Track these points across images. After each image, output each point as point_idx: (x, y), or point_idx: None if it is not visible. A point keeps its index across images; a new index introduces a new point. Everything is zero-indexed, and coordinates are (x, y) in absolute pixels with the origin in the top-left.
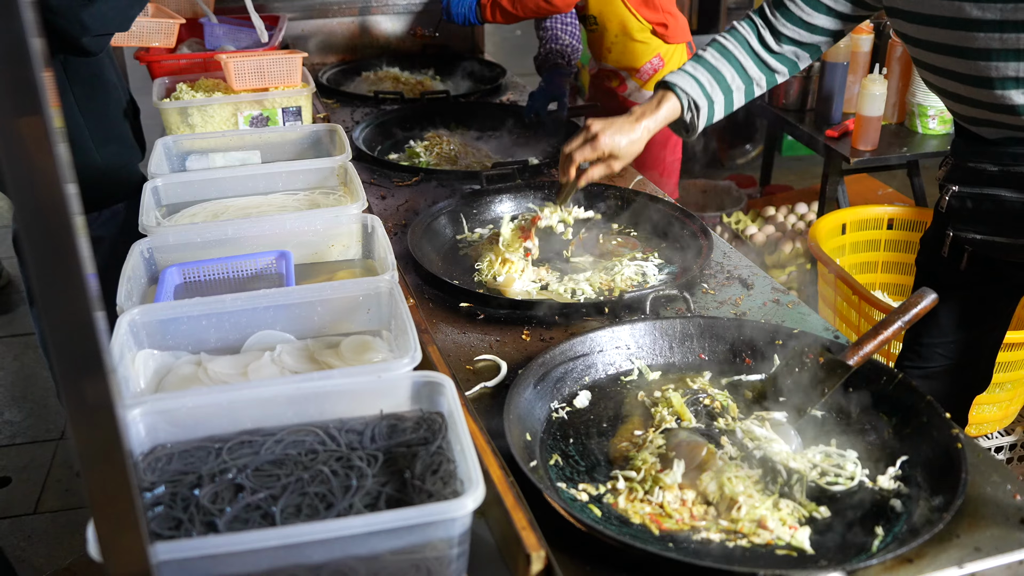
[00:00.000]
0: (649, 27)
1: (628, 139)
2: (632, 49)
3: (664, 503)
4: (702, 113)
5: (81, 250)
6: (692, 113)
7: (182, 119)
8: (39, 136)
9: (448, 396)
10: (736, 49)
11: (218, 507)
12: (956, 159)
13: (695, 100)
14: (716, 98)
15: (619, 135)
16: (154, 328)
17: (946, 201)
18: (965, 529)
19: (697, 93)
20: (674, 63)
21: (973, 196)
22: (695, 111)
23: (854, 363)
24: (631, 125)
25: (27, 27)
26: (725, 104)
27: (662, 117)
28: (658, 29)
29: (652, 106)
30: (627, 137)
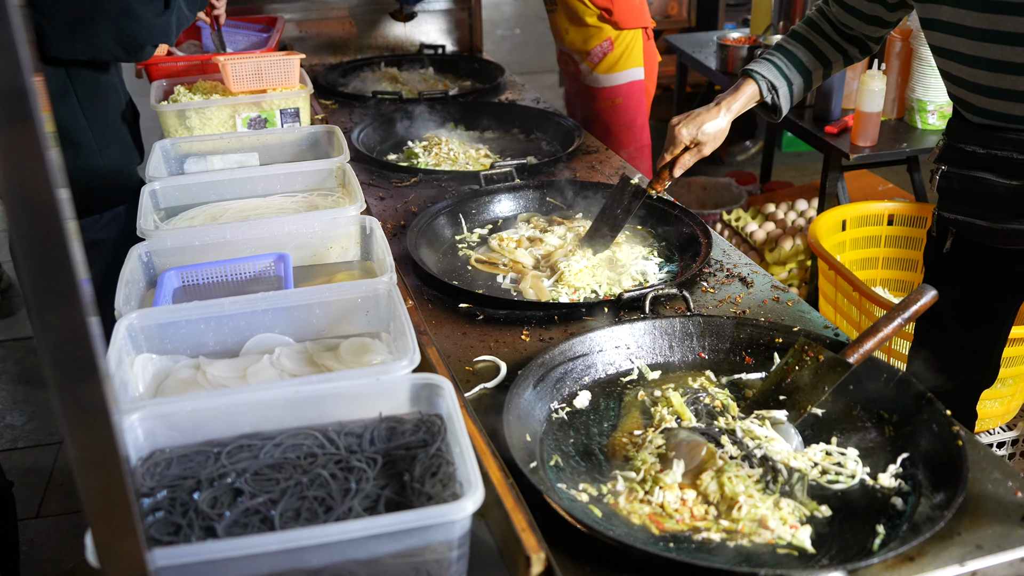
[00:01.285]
0: (596, 12)
1: (710, 123)
2: (584, 32)
3: (664, 503)
4: (781, 93)
5: (74, 255)
6: (772, 94)
7: (180, 122)
8: (30, 141)
9: (447, 398)
10: (809, 33)
11: (217, 512)
12: (948, 140)
13: (773, 82)
14: (794, 79)
15: (696, 122)
16: (153, 332)
17: (936, 181)
18: (966, 527)
19: (774, 75)
20: (626, 47)
21: (960, 177)
22: (775, 92)
23: (854, 361)
24: (710, 111)
25: (16, 33)
26: (805, 84)
27: (742, 101)
28: (604, 14)
29: (731, 92)
30: (709, 122)
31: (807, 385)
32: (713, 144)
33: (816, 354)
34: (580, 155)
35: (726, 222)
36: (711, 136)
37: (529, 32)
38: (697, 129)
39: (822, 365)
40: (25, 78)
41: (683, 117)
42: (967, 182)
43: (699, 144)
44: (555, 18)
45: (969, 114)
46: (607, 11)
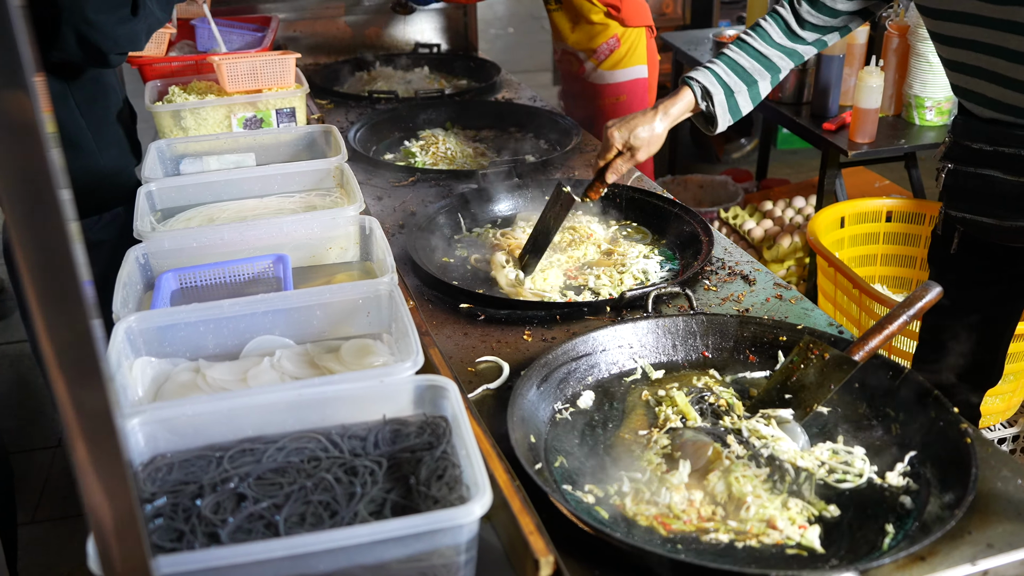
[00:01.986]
0: (603, 9)
1: (643, 127)
2: (589, 31)
3: (671, 504)
4: (717, 100)
5: (77, 257)
6: (707, 102)
7: (175, 122)
8: (32, 142)
9: (452, 400)
10: (756, 42)
11: (220, 517)
12: (954, 137)
13: (707, 88)
14: (735, 87)
15: (630, 125)
16: (151, 335)
17: (942, 179)
18: (977, 525)
19: (710, 81)
20: (631, 45)
21: (966, 175)
22: (709, 99)
23: (860, 358)
24: (645, 115)
25: (18, 33)
26: (750, 92)
27: (678, 107)
28: (611, 11)
29: (671, 98)
30: (642, 126)
31: (813, 384)
32: (647, 150)
33: (821, 352)
34: (578, 153)
35: (723, 220)
36: (644, 141)
37: (522, 31)
38: (629, 133)
39: (828, 363)
40: (27, 78)
41: (617, 121)
42: (974, 180)
43: (632, 149)
44: (557, 17)
45: (980, 107)
46: (615, 8)
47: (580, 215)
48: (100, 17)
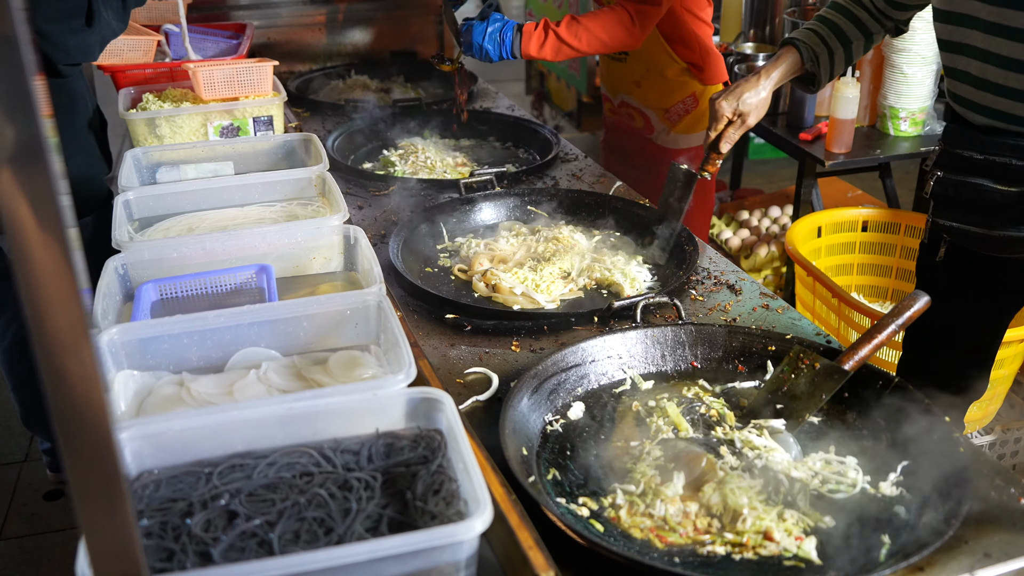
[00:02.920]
0: (683, 65)
1: (750, 93)
2: (664, 87)
3: (667, 516)
4: (822, 62)
5: (76, 264)
6: (812, 63)
7: (150, 130)
8: (32, 146)
9: (447, 412)
10: (850, 4)
11: (212, 536)
12: (945, 145)
13: (814, 49)
14: (836, 49)
15: (736, 93)
16: (133, 348)
17: (930, 187)
18: (973, 535)
19: (816, 43)
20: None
21: (956, 183)
22: (815, 61)
23: (850, 368)
24: (749, 81)
25: (19, 33)
26: (845, 55)
27: (782, 69)
28: (692, 69)
29: (773, 62)
30: (749, 91)
31: (804, 393)
32: (757, 114)
33: (812, 362)
34: (559, 163)
35: None
36: (752, 106)
37: None
38: (738, 100)
39: (818, 373)
40: (27, 81)
41: (722, 92)
42: (964, 188)
43: (742, 115)
44: (622, 68)
45: (973, 113)
46: (696, 67)
47: (562, 224)
48: (51, 27)
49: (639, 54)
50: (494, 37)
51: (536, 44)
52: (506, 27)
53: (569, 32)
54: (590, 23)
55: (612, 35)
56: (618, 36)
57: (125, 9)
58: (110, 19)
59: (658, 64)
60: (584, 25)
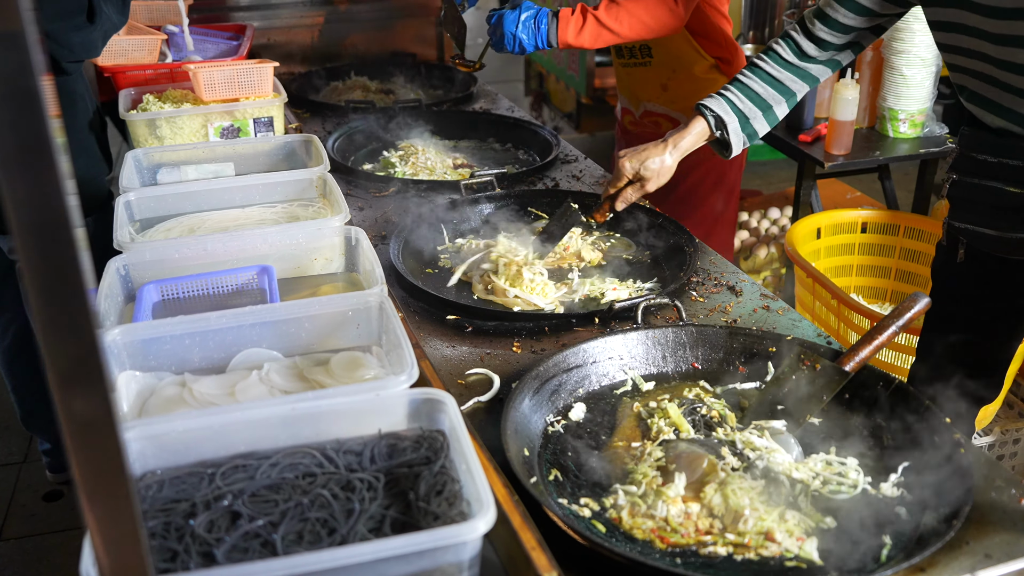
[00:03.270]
0: (711, 61)
1: (653, 159)
2: (693, 86)
3: (668, 517)
4: (731, 128)
5: (83, 264)
6: (722, 130)
7: (150, 131)
8: (38, 146)
9: (450, 413)
10: (769, 66)
11: (215, 536)
12: (960, 149)
13: (721, 116)
14: (750, 113)
15: (640, 156)
16: (136, 348)
17: (947, 189)
18: (974, 535)
19: (724, 110)
20: None
21: (971, 186)
22: (723, 128)
23: (851, 369)
24: (656, 147)
25: (28, 30)
26: (765, 117)
27: (691, 137)
28: (721, 64)
29: (681, 131)
30: (653, 158)
31: (805, 395)
32: (657, 180)
33: (813, 363)
34: (559, 164)
35: None
36: (654, 172)
37: None
38: (640, 164)
39: (819, 374)
40: (35, 80)
41: (630, 150)
42: (978, 191)
43: (642, 179)
44: (642, 73)
45: (991, 115)
46: (724, 61)
47: None
48: (54, 26)
49: (664, 54)
50: (528, 25)
51: (574, 30)
52: (540, 14)
53: (609, 15)
54: (631, 4)
55: (655, 16)
56: (661, 17)
57: (124, 2)
58: (111, 13)
59: (686, 62)
60: (624, 7)
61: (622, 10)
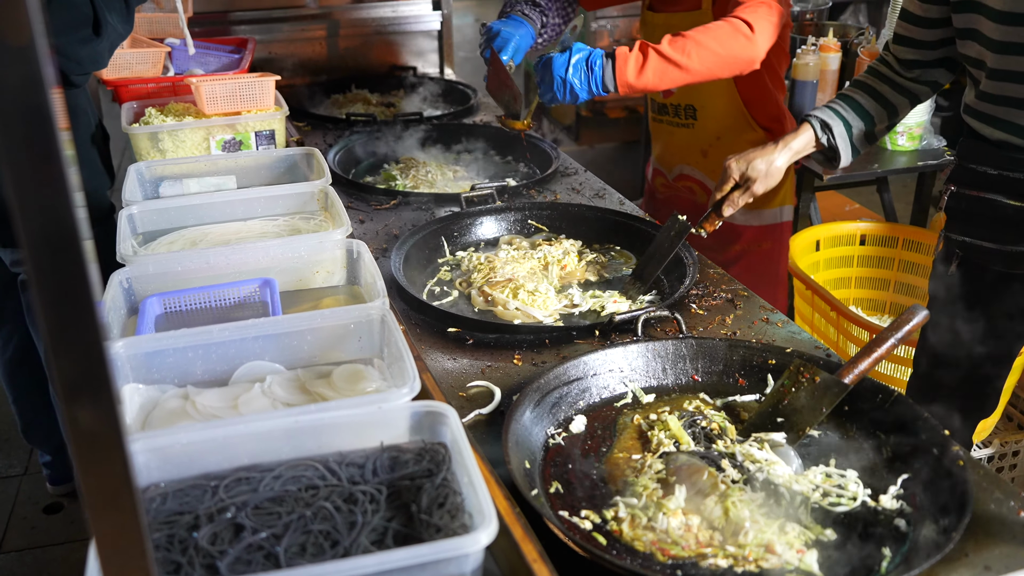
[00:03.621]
0: (760, 134)
1: (761, 160)
2: None
3: (669, 529)
4: (836, 132)
5: (91, 276)
6: (827, 134)
7: (152, 144)
8: (48, 159)
9: (451, 426)
10: (869, 79)
11: (218, 549)
12: (959, 160)
13: (827, 121)
14: (852, 121)
15: (748, 158)
16: (139, 361)
17: (944, 201)
18: (973, 547)
19: (828, 115)
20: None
21: (970, 198)
22: (829, 132)
23: (850, 381)
24: (765, 148)
25: (39, 44)
26: (865, 127)
27: (799, 141)
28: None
29: (792, 133)
30: (761, 159)
31: (804, 407)
32: (765, 182)
33: (812, 376)
34: (559, 177)
35: None
36: (761, 173)
37: None
38: (747, 165)
39: (818, 387)
40: (45, 93)
41: (736, 154)
42: (977, 203)
43: (749, 180)
44: (687, 136)
45: (990, 128)
46: (773, 133)
47: (563, 238)
48: (61, 39)
49: (710, 118)
50: (580, 67)
51: (635, 69)
52: (593, 55)
53: (675, 48)
54: (699, 35)
55: (729, 48)
56: (735, 49)
57: (129, 11)
58: (116, 24)
59: (733, 129)
60: (692, 38)
61: (689, 41)
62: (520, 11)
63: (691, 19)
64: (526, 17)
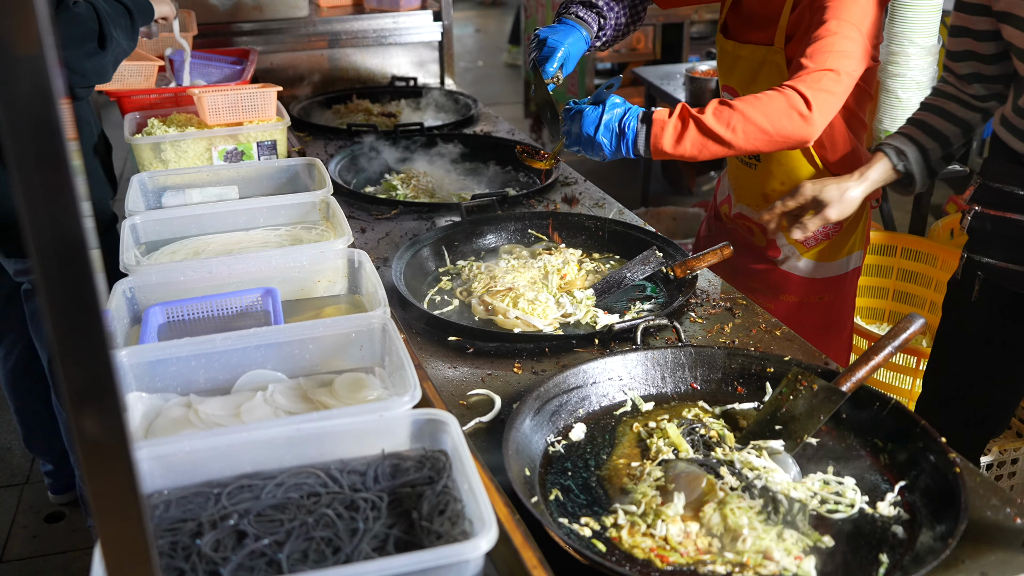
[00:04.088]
0: (827, 175)
1: (836, 186)
2: None
3: (668, 536)
4: (912, 157)
5: (98, 285)
6: (903, 161)
7: (155, 155)
8: (56, 169)
9: (452, 434)
10: (936, 100)
11: (221, 555)
12: (984, 180)
13: (900, 148)
14: (927, 144)
15: (824, 182)
16: (142, 370)
17: (967, 221)
18: (969, 554)
19: (902, 142)
20: (857, 228)
21: (995, 219)
22: (905, 158)
23: (847, 389)
24: (850, 180)
25: (49, 58)
26: (942, 147)
27: (876, 171)
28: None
29: (868, 164)
30: (836, 184)
31: (802, 415)
32: (840, 208)
33: (810, 383)
34: (559, 187)
35: None
36: (834, 198)
37: (491, 64)
38: (821, 187)
39: (816, 394)
40: (54, 104)
41: (813, 180)
42: (1002, 224)
43: (821, 205)
44: (750, 176)
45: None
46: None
47: (563, 247)
48: (67, 52)
49: (773, 161)
50: (611, 128)
51: (672, 138)
52: (628, 115)
53: (719, 120)
54: (748, 108)
55: (779, 126)
56: (787, 129)
57: (134, 28)
58: (120, 39)
59: (797, 175)
60: (739, 111)
61: (736, 114)
62: (574, 14)
63: (760, 54)
64: (579, 20)
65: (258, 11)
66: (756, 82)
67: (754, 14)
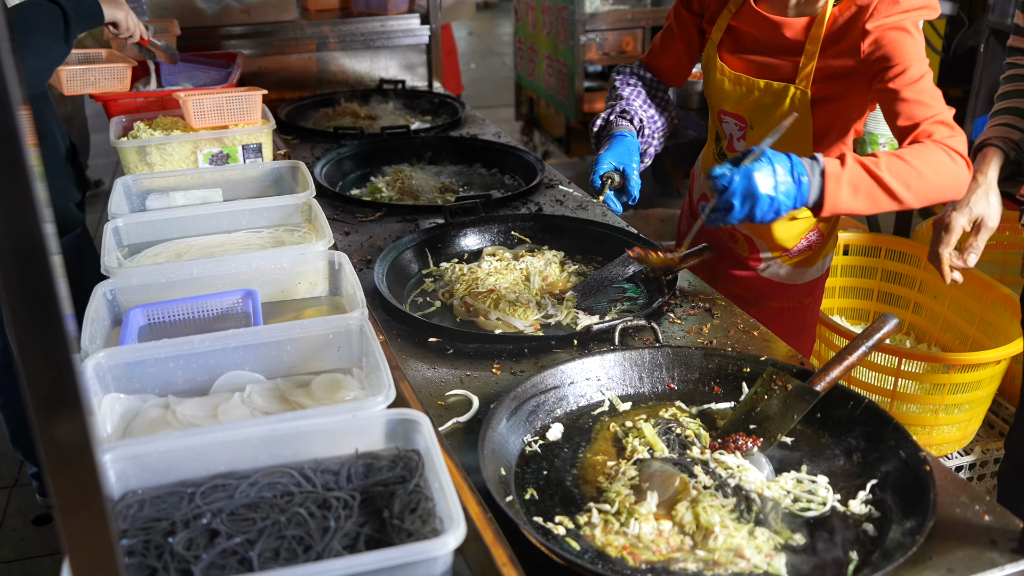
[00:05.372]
0: None
1: (978, 200)
2: (791, 229)
3: (640, 535)
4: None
5: (60, 290)
6: (1015, 151)
7: (140, 158)
8: (15, 175)
9: (425, 433)
10: (1013, 85)
11: (193, 554)
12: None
13: (1009, 137)
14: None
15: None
16: (120, 371)
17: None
18: (938, 551)
19: (1005, 132)
20: (831, 237)
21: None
22: (1018, 148)
23: (821, 389)
24: (980, 189)
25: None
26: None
27: (993, 169)
28: None
29: (978, 165)
30: (976, 198)
31: (776, 414)
32: (993, 216)
33: (784, 383)
34: (543, 189)
35: None
36: (984, 211)
37: (483, 67)
38: (968, 209)
39: (790, 394)
40: (13, 111)
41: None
42: None
43: (979, 220)
44: None
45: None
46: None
47: (545, 249)
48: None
49: None
50: (787, 183)
51: (849, 194)
52: (796, 167)
53: (896, 178)
54: (921, 166)
55: (944, 187)
56: (948, 191)
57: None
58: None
59: None
60: (914, 168)
61: (911, 170)
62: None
63: (783, 92)
64: (622, 128)
65: (246, 14)
66: (770, 117)
67: (758, 43)
